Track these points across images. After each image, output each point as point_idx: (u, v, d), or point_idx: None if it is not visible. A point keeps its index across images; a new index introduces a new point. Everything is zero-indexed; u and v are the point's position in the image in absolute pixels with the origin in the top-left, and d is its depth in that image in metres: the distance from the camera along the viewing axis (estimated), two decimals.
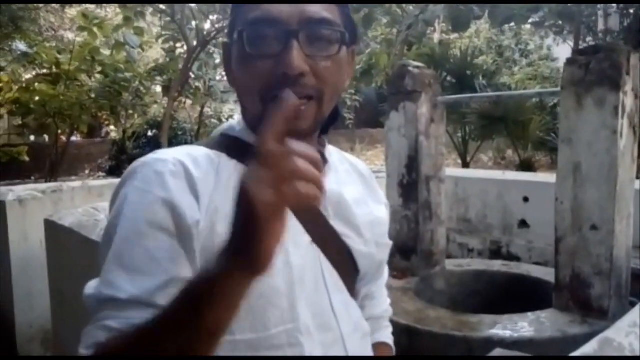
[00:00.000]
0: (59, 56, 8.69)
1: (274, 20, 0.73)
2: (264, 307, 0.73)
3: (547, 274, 2.55)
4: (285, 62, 0.72)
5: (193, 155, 0.77)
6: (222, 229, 0.70)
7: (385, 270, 1.04)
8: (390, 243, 0.96)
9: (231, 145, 0.82)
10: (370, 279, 0.93)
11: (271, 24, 0.74)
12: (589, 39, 11.60)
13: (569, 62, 2.12)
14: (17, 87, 8.98)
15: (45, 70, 8.84)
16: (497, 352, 1.03)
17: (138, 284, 0.67)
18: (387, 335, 1.03)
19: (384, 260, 0.97)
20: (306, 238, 0.79)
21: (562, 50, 13.21)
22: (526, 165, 8.65)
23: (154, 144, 9.92)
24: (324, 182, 0.54)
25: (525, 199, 3.46)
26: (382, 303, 1.03)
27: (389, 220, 1.00)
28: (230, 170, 0.78)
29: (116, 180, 1.00)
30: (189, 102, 11.36)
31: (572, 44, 11.09)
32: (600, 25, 10.94)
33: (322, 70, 0.75)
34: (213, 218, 0.73)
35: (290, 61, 0.71)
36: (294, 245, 0.76)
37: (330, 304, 0.80)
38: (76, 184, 3.55)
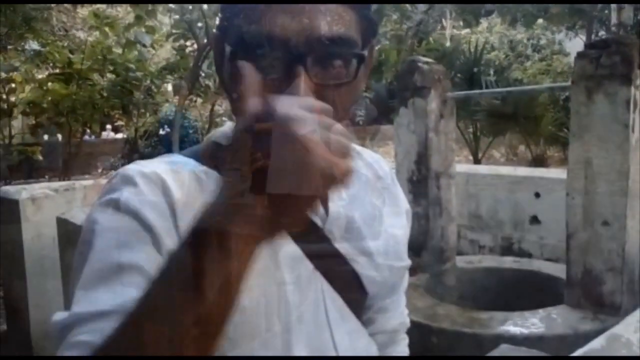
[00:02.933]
0: (71, 55, 8.77)
1: (276, 39, 0.59)
2: (254, 349, 0.63)
3: (558, 270, 2.53)
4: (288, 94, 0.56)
5: (179, 175, 0.66)
6: None
7: (404, 282, 0.95)
8: (407, 264, 0.84)
9: (222, 158, 0.71)
10: (383, 296, 0.85)
11: (272, 44, 0.59)
12: (601, 33, 11.46)
13: (580, 56, 2.10)
14: (30, 87, 9.07)
15: (57, 70, 8.93)
16: (503, 348, 1.02)
17: (120, 294, 0.55)
18: (399, 350, 0.94)
19: (398, 282, 0.89)
20: (308, 265, 0.69)
21: (575, 45, 13.07)
22: (538, 161, 8.58)
23: (166, 143, 9.98)
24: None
25: (537, 195, 3.43)
26: (397, 316, 0.93)
27: (409, 227, 0.92)
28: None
29: None
30: (199, 100, 11.41)
31: (584, 38, 10.96)
32: (613, 19, 10.80)
33: (334, 97, 0.61)
34: None
35: (294, 94, 0.56)
36: (294, 278, 0.67)
37: (332, 338, 0.73)
38: (88, 182, 3.58)
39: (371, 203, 0.81)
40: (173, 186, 0.64)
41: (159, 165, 0.67)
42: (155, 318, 0.46)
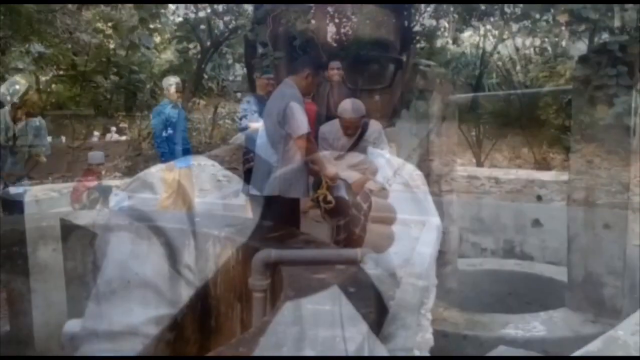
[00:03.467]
0: (75, 57, 8.80)
1: (311, 42, 0.54)
2: None
3: (559, 273, 2.53)
4: (324, 102, 0.52)
5: (200, 180, 0.63)
6: None
7: (430, 301, 0.92)
8: (433, 283, 0.86)
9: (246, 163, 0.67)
10: (405, 315, 0.83)
11: (306, 47, 0.55)
12: (604, 35, 11.43)
13: (582, 59, 2.10)
14: (34, 89, 9.10)
15: (61, 72, 8.96)
16: (501, 349, 1.03)
17: (131, 312, 0.52)
18: None
19: (423, 301, 0.87)
20: (330, 281, 0.69)
21: (578, 48, 13.01)
22: (541, 164, 8.56)
23: (168, 143, 9.99)
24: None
25: (539, 198, 3.43)
26: (416, 333, 0.91)
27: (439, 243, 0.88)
28: (240, 202, 0.61)
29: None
30: (202, 102, 11.40)
31: (587, 41, 10.92)
32: (616, 22, 10.77)
33: (369, 103, 0.57)
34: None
35: (329, 103, 0.51)
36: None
37: (347, 354, 0.72)
38: (91, 183, 3.59)
39: (400, 216, 0.79)
40: (192, 193, 0.63)
41: (179, 170, 0.66)
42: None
